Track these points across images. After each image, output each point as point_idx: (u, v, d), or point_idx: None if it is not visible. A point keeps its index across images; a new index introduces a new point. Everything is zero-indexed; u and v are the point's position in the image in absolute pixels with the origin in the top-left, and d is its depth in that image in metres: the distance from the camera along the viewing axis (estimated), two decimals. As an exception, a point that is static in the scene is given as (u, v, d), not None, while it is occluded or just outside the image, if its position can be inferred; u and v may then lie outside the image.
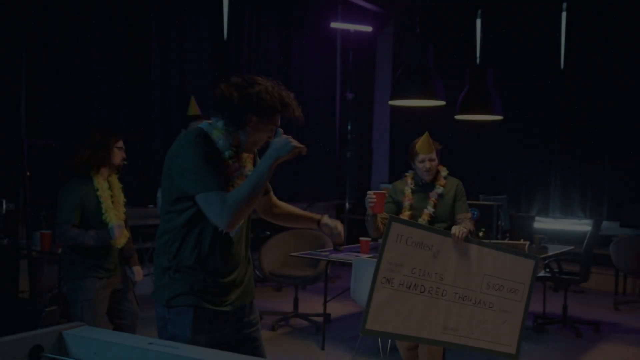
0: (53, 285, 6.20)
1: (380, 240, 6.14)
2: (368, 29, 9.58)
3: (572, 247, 6.78)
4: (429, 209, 4.44)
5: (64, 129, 6.73)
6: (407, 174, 4.66)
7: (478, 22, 9.61)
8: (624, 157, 8.92)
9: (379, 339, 5.55)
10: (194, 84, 8.01)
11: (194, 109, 5.12)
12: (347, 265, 6.03)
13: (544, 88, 9.50)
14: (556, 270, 6.66)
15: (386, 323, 3.07)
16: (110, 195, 4.13)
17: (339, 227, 2.78)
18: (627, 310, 7.66)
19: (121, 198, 4.23)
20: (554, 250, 6.46)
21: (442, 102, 6.34)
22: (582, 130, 9.27)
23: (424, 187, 4.53)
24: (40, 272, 6.18)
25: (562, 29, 9.27)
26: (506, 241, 5.79)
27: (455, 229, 3.43)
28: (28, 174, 6.20)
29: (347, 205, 9.91)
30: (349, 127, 10.27)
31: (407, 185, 4.58)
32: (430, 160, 4.44)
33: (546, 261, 6.55)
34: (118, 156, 4.15)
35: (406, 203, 4.49)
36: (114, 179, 4.22)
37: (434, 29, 9.43)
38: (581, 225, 8.89)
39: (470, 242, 3.35)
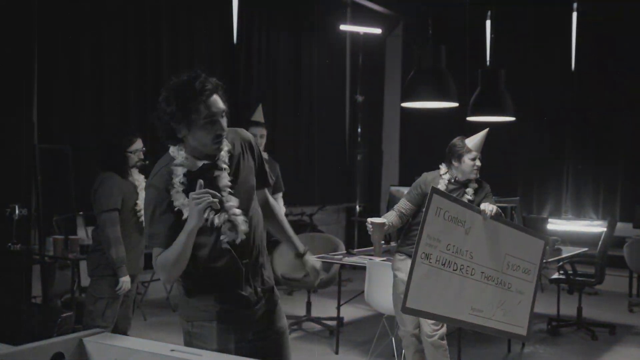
0: (65, 291, 6.19)
1: (392, 243, 6.17)
2: (377, 31, 9.56)
3: (586, 249, 6.74)
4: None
5: (75, 134, 6.73)
6: (441, 166, 4.41)
7: (488, 23, 9.57)
8: (637, 157, 8.87)
9: (394, 342, 5.52)
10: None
11: (259, 114, 5.25)
12: (358, 269, 6.01)
13: (555, 89, 9.45)
14: (570, 272, 6.61)
15: (424, 302, 3.01)
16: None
17: (317, 266, 2.68)
18: (642, 312, 7.61)
19: None
20: (567, 252, 6.42)
21: (455, 104, 6.31)
22: (594, 131, 9.22)
23: (460, 185, 4.33)
24: (52, 277, 6.18)
25: (573, 30, 9.22)
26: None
27: (484, 206, 3.34)
28: (39, 178, 6.21)
29: (357, 208, 9.89)
30: (359, 130, 10.26)
31: (442, 179, 4.34)
32: (480, 159, 4.28)
33: (560, 263, 6.51)
34: (131, 160, 4.21)
35: None
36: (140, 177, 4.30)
37: (445, 31, 9.39)
38: (594, 227, 8.84)
39: (495, 220, 3.31)
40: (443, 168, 4.40)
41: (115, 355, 2.07)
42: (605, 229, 6.77)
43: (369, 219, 4.07)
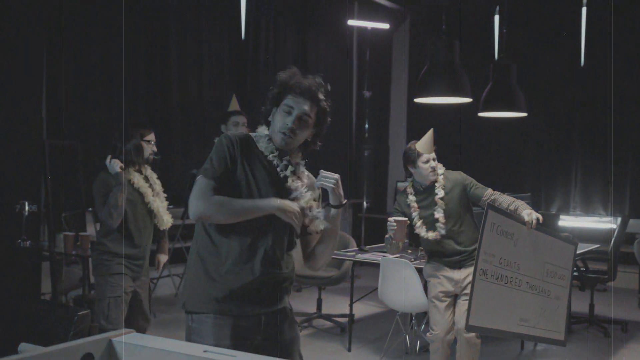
0: (71, 287, 6.15)
1: (406, 241, 6.12)
2: (385, 26, 9.49)
3: (598, 245, 6.69)
4: (439, 212, 4.19)
5: (84, 130, 6.69)
6: (405, 184, 4.44)
7: (496, 18, 9.51)
8: (646, 153, 8.84)
9: (407, 340, 5.48)
10: (213, 84, 7.96)
11: (234, 104, 5.31)
12: (366, 265, 5.95)
13: (564, 85, 9.40)
14: (582, 268, 6.56)
15: (485, 318, 3.02)
16: (148, 185, 4.13)
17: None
18: (653, 308, 7.58)
19: (160, 188, 4.22)
20: (580, 248, 6.37)
21: (469, 99, 6.25)
22: (603, 127, 9.16)
23: (427, 192, 4.29)
24: (59, 274, 6.14)
25: (582, 25, 9.15)
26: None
27: (527, 216, 3.29)
28: (49, 175, 6.17)
29: (364, 204, 9.83)
30: (366, 126, 10.20)
31: (408, 192, 4.36)
32: (434, 159, 4.27)
33: (572, 260, 6.46)
34: (145, 150, 4.13)
35: (414, 214, 4.27)
36: (148, 171, 4.22)
37: (455, 26, 9.34)
38: (603, 223, 8.80)
39: (536, 229, 3.29)
40: (409, 182, 4.44)
41: (146, 357, 2.02)
42: (614, 226, 6.73)
43: (392, 218, 4.04)
